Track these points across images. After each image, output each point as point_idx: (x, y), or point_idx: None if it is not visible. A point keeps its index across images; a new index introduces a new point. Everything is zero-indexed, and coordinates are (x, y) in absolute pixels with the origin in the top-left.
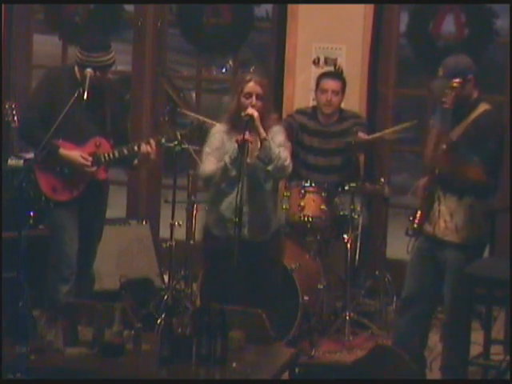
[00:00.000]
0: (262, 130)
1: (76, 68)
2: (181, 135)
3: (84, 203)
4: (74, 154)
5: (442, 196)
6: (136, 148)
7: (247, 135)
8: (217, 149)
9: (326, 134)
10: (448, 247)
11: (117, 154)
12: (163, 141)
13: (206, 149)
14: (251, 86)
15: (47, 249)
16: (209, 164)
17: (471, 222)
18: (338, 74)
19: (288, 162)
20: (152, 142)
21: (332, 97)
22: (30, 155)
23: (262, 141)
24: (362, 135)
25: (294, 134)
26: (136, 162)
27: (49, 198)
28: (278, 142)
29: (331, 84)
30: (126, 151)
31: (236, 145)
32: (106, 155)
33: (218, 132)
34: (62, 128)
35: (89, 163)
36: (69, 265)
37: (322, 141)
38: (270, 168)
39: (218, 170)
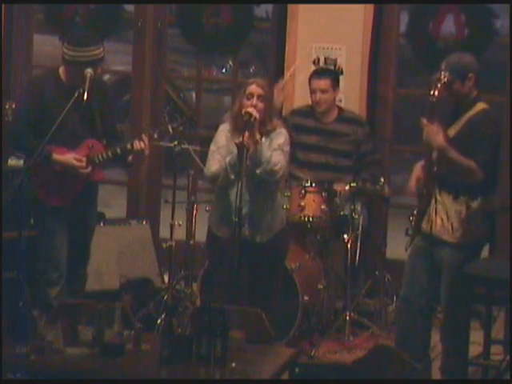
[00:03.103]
0: (256, 132)
1: (61, 69)
2: (173, 129)
3: (75, 207)
4: (67, 157)
5: (438, 194)
6: (129, 146)
7: (246, 136)
8: (222, 146)
9: (324, 132)
10: (444, 246)
11: (110, 154)
12: (156, 136)
13: (212, 147)
14: (253, 88)
15: None
16: (214, 163)
17: (467, 222)
18: (326, 72)
19: (278, 166)
20: (145, 137)
21: (320, 96)
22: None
23: (255, 144)
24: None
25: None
26: (130, 158)
27: (44, 203)
28: (275, 144)
29: (318, 83)
30: (119, 150)
31: (235, 149)
32: (100, 156)
33: (224, 130)
34: (54, 134)
35: (83, 164)
36: (57, 268)
37: (321, 138)
38: (258, 171)
39: (222, 170)
